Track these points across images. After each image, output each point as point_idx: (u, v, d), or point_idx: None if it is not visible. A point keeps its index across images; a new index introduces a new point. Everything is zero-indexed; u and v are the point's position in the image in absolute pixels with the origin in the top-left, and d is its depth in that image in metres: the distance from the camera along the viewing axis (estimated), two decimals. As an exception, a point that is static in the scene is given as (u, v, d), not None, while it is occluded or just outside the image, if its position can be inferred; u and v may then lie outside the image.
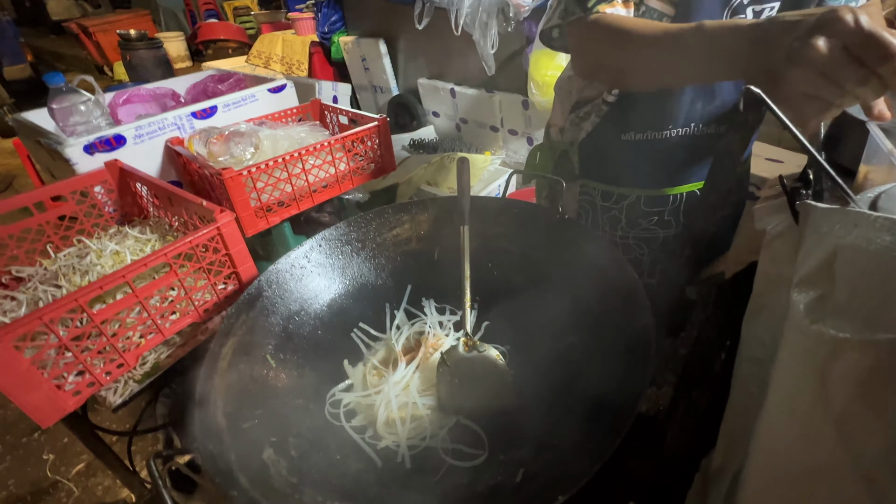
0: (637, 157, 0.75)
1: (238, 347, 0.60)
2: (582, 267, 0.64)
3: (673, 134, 0.72)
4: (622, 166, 0.78)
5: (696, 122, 0.72)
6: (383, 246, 0.81)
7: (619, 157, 0.77)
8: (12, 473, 1.39)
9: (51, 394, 0.61)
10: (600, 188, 0.83)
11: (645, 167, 0.76)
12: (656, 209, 0.83)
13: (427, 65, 2.57)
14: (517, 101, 2.17)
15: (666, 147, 0.73)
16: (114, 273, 0.63)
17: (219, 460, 0.44)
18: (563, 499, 0.35)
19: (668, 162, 0.76)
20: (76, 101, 0.96)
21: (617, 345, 0.52)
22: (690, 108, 0.70)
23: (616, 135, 0.75)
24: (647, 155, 0.75)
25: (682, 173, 0.78)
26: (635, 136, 0.74)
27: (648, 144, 0.74)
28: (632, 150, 0.75)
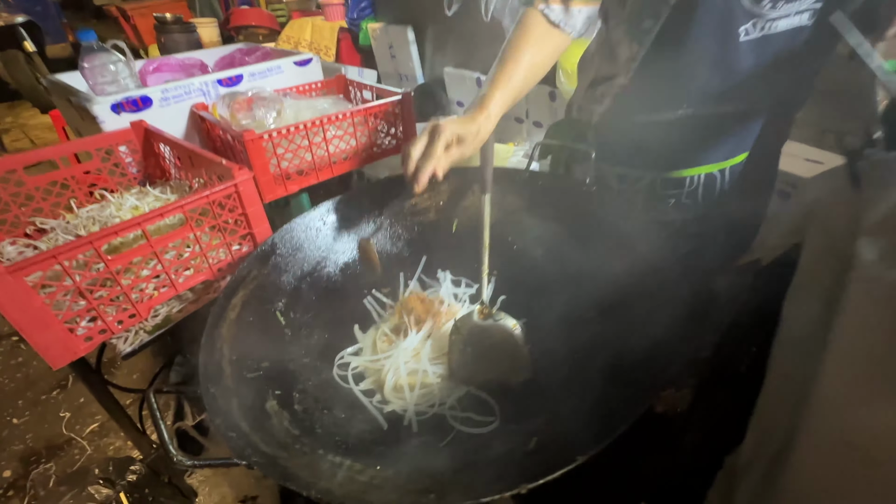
0: (652, 138, 0.72)
1: (248, 301, 0.59)
2: (611, 239, 0.60)
3: (689, 113, 0.69)
4: (637, 147, 0.75)
5: (713, 101, 0.68)
6: (401, 214, 0.79)
7: (634, 138, 0.74)
8: (30, 428, 1.43)
9: (62, 335, 0.61)
10: (616, 171, 0.80)
11: (660, 148, 0.72)
12: (673, 191, 0.78)
13: (454, 53, 2.54)
14: (544, 91, 2.12)
15: (681, 127, 0.70)
16: (129, 220, 0.63)
17: (221, 403, 0.43)
18: (581, 459, 0.32)
19: (684, 143, 0.72)
20: (107, 60, 0.97)
21: (647, 319, 0.48)
22: (706, 86, 0.66)
23: (629, 116, 0.73)
24: (662, 136, 0.71)
25: (698, 154, 0.74)
26: (650, 116, 0.71)
27: (663, 125, 0.70)
28: (646, 132, 0.72)
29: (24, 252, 0.81)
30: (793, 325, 0.47)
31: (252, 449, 0.39)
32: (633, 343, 0.47)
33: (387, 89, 1.16)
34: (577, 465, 0.32)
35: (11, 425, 1.44)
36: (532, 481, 0.31)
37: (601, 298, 0.58)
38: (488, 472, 0.40)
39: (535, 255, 0.72)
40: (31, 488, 1.23)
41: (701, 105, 0.68)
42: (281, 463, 0.39)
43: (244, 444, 0.39)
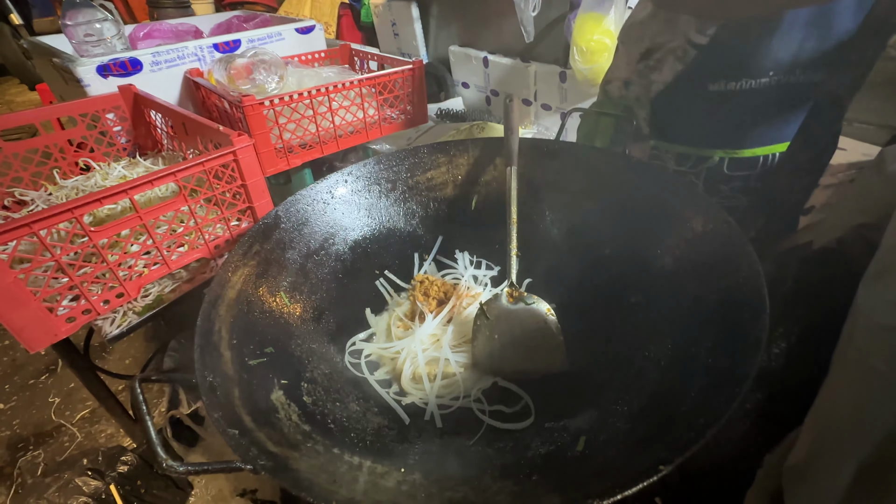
0: (725, 110, 0.63)
1: (249, 279, 0.53)
2: (654, 216, 0.54)
3: (774, 81, 0.60)
4: (704, 122, 0.66)
5: (803, 67, 0.60)
6: (416, 189, 0.72)
7: (703, 111, 0.65)
8: (18, 414, 1.36)
9: (40, 315, 0.54)
10: (675, 150, 0.71)
11: (733, 122, 0.64)
12: (742, 173, 0.69)
13: (459, 31, 2.44)
14: (554, 72, 2.04)
15: (762, 98, 0.62)
16: (115, 186, 0.56)
17: (220, 393, 0.37)
18: (666, 469, 0.26)
19: (762, 116, 0.64)
20: (91, 17, 0.88)
21: (706, 302, 0.42)
22: (799, 49, 0.58)
23: (702, 84, 0.63)
24: (738, 108, 0.63)
25: (776, 129, 0.66)
26: (727, 86, 0.62)
27: (741, 95, 0.62)
28: (720, 103, 0.63)
29: (1, 225, 0.73)
30: (875, 312, 0.41)
31: (258, 449, 0.33)
32: (695, 331, 0.41)
33: (394, 58, 1.08)
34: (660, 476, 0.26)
35: (-2, 411, 1.38)
36: (606, 496, 0.26)
37: (646, 281, 0.52)
38: (536, 478, 0.34)
39: (565, 233, 0.65)
40: (19, 476, 1.17)
41: (790, 72, 0.60)
42: (292, 466, 0.33)
43: (248, 444, 0.33)
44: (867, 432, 0.38)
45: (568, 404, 0.46)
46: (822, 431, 0.47)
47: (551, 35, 2.17)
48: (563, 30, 2.01)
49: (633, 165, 0.58)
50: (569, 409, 0.45)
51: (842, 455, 0.40)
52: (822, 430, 0.47)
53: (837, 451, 0.42)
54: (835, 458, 0.42)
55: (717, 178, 0.71)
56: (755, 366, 0.31)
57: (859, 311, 0.44)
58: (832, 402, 0.46)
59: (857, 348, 0.44)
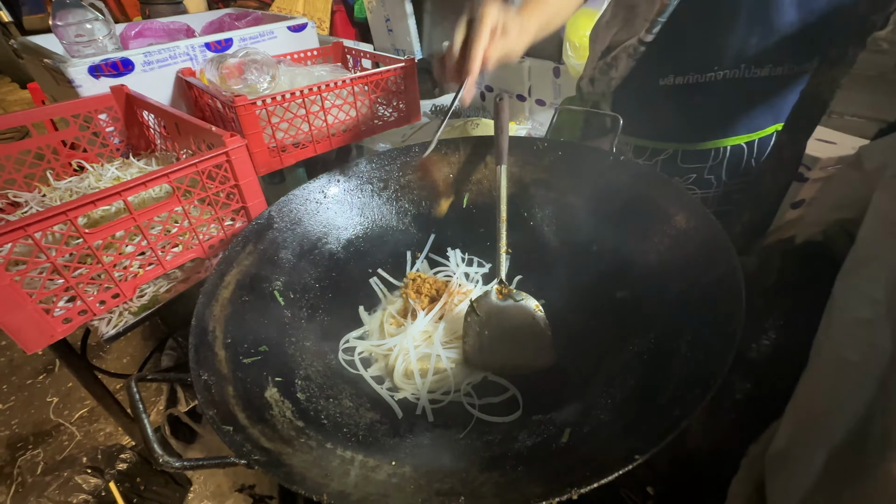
0: (676, 105, 0.66)
1: (243, 278, 0.54)
2: (639, 213, 0.55)
3: (720, 76, 0.62)
4: (658, 116, 0.68)
5: (748, 62, 0.61)
6: (407, 188, 0.73)
7: (656, 105, 0.67)
8: (16, 414, 1.37)
9: (36, 317, 0.55)
10: (633, 142, 0.74)
11: (684, 117, 0.66)
12: (694, 165, 0.72)
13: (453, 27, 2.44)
14: (548, 67, 2.04)
15: (710, 93, 0.64)
16: (109, 188, 0.56)
17: (214, 391, 0.38)
18: (641, 458, 0.27)
19: (712, 110, 0.66)
20: (82, 17, 0.88)
21: (688, 297, 0.43)
22: (743, 45, 0.60)
23: (653, 79, 0.66)
24: (688, 102, 0.65)
25: (726, 124, 0.68)
26: (675, 80, 0.64)
27: (690, 90, 0.64)
28: (670, 97, 0.65)
29: (-4, 227, 0.74)
30: (851, 306, 0.43)
31: (252, 445, 0.34)
32: (677, 325, 0.42)
33: (387, 56, 1.08)
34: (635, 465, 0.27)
35: (-4, 411, 1.39)
36: (583, 485, 0.27)
37: (631, 276, 0.53)
38: (521, 469, 0.35)
39: (554, 230, 0.67)
40: (19, 475, 1.18)
41: (735, 67, 0.62)
42: (286, 461, 0.34)
43: (242, 440, 0.34)
44: (839, 421, 0.39)
45: (555, 397, 0.47)
46: (799, 421, 0.49)
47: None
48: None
49: (619, 163, 0.59)
50: (556, 403, 0.46)
51: (816, 443, 0.42)
52: (800, 420, 0.48)
53: (813, 439, 0.43)
54: (810, 447, 0.43)
55: (672, 170, 0.74)
56: (730, 360, 0.32)
57: (835, 305, 0.46)
58: (810, 393, 0.48)
59: (832, 340, 0.45)
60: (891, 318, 0.37)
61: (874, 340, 0.38)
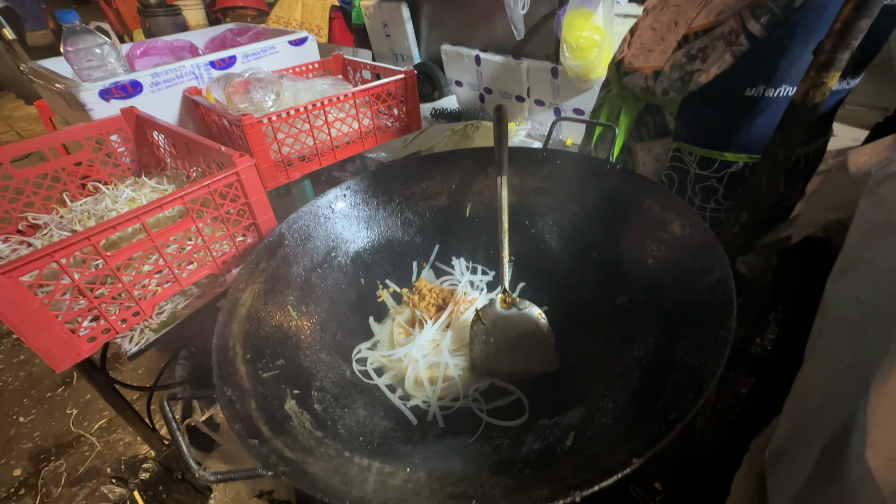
0: (759, 117, 0.60)
1: (258, 295, 0.56)
2: (638, 221, 0.57)
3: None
4: (736, 128, 0.62)
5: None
6: (411, 199, 0.75)
7: (736, 116, 0.61)
8: (38, 426, 1.41)
9: (64, 337, 0.58)
10: (699, 153, 0.67)
11: (764, 130, 0.60)
12: None
13: (451, 30, 2.45)
14: (546, 68, 2.05)
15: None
16: (127, 213, 0.59)
17: (238, 407, 0.40)
18: (638, 462, 0.29)
19: None
20: (92, 42, 0.91)
21: (683, 302, 0.45)
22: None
23: (738, 87, 0.59)
24: (772, 115, 0.59)
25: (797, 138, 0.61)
26: (764, 92, 0.58)
27: (778, 103, 0.58)
28: (755, 109, 0.60)
29: (18, 250, 0.77)
30: (842, 306, 0.45)
31: (277, 456, 0.36)
32: (673, 330, 0.44)
33: (387, 67, 1.11)
34: (634, 467, 0.29)
35: (18, 424, 1.42)
36: (585, 487, 0.29)
37: (630, 283, 0.55)
38: (529, 472, 0.37)
39: (555, 238, 0.69)
40: (43, 486, 1.21)
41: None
42: (308, 470, 0.36)
43: (268, 452, 0.36)
44: (831, 418, 0.41)
45: (559, 402, 0.49)
46: (796, 418, 0.50)
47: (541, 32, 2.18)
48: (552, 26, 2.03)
49: (616, 172, 0.61)
50: (560, 407, 0.48)
51: (811, 440, 0.44)
52: (796, 417, 0.50)
53: (807, 436, 0.45)
54: (805, 443, 0.45)
55: (739, 183, 0.68)
56: (721, 364, 0.34)
57: (827, 306, 0.47)
58: (805, 391, 0.50)
59: (824, 340, 0.47)
60: (877, 320, 0.38)
61: (862, 341, 0.40)
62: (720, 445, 0.74)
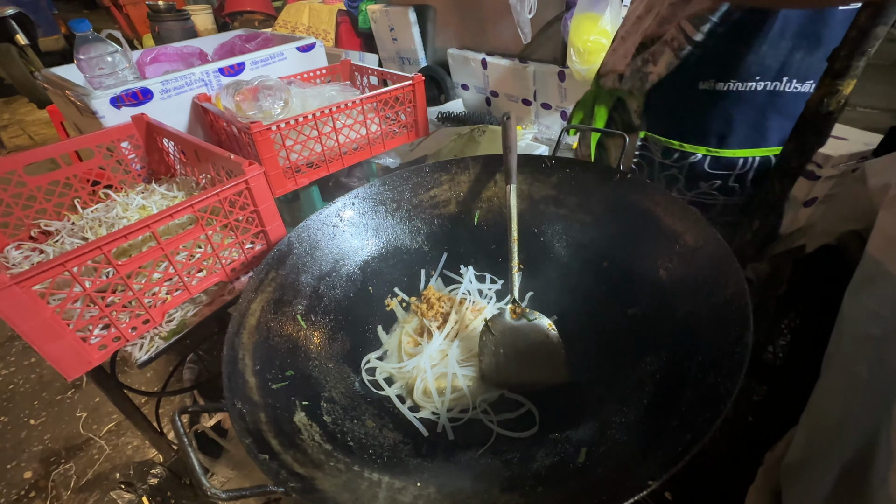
0: (712, 110, 0.66)
1: (267, 305, 0.56)
2: (648, 230, 0.56)
3: (761, 87, 0.63)
4: (692, 120, 0.69)
5: (791, 77, 0.62)
6: (419, 207, 0.75)
7: (691, 108, 0.68)
8: (48, 429, 1.43)
9: (75, 345, 0.58)
10: (662, 143, 0.74)
11: (719, 123, 0.67)
12: (722, 172, 0.72)
13: (457, 34, 2.46)
14: (553, 71, 2.05)
15: (748, 102, 0.64)
16: (138, 222, 0.59)
17: (248, 420, 0.40)
18: (654, 484, 0.29)
19: (747, 120, 0.66)
20: (103, 51, 0.92)
21: (697, 316, 0.45)
22: (788, 58, 0.60)
23: (692, 82, 0.66)
24: (724, 109, 0.66)
25: (759, 135, 0.68)
26: (715, 86, 0.65)
27: (729, 97, 0.65)
28: (707, 102, 0.66)
29: (31, 256, 0.78)
30: (861, 321, 0.44)
31: (287, 472, 0.36)
32: (688, 344, 0.43)
33: (395, 73, 1.11)
34: (649, 490, 0.29)
35: (29, 426, 1.44)
36: (601, 510, 0.29)
37: (642, 294, 0.55)
38: (540, 490, 0.37)
39: (564, 247, 0.68)
40: (53, 489, 1.23)
41: (777, 80, 0.62)
42: (318, 486, 0.36)
43: (278, 468, 0.36)
44: (850, 436, 0.40)
45: (571, 415, 0.49)
46: (813, 432, 0.49)
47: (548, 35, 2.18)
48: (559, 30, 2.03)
49: (627, 181, 0.61)
50: (572, 420, 0.48)
51: (829, 457, 0.43)
52: (814, 431, 0.49)
53: (826, 452, 0.44)
54: (823, 460, 0.44)
55: (698, 174, 0.73)
56: (738, 384, 0.33)
57: (845, 319, 0.46)
58: (823, 405, 0.49)
59: (842, 354, 0.46)
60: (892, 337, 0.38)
61: (883, 357, 0.39)
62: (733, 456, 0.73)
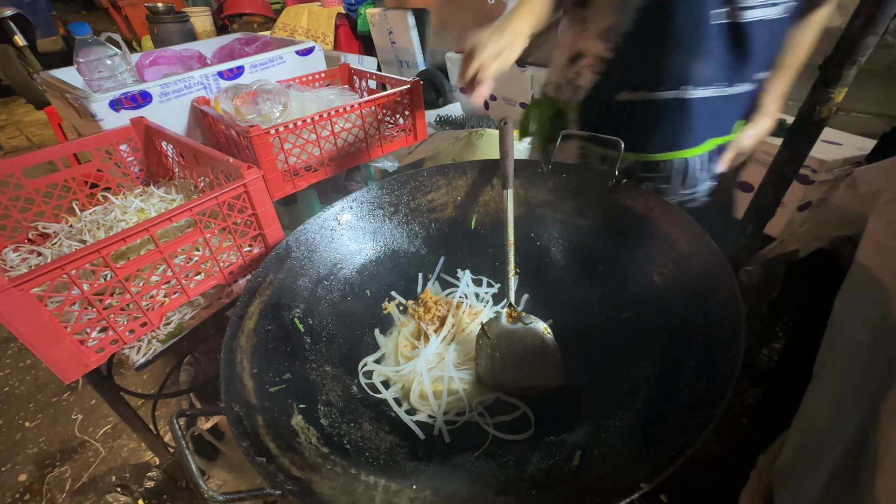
0: (631, 119, 0.72)
1: (265, 308, 0.56)
2: (642, 235, 0.57)
3: (666, 95, 0.69)
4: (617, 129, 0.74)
5: (688, 84, 0.68)
6: (417, 211, 0.75)
7: (615, 118, 0.74)
8: (43, 431, 1.42)
9: (73, 348, 0.58)
10: (599, 152, 0.80)
11: (638, 130, 0.72)
12: (650, 175, 0.77)
13: (455, 38, 2.47)
14: (550, 75, 2.06)
15: (658, 109, 0.71)
16: (137, 225, 0.60)
17: (246, 423, 0.41)
18: (646, 487, 0.29)
19: (660, 126, 0.72)
20: (103, 54, 0.92)
21: (691, 320, 0.45)
22: (682, 68, 0.67)
23: (611, 94, 0.73)
24: (642, 117, 0.72)
25: (673, 139, 0.73)
26: (629, 97, 0.71)
27: (642, 106, 0.71)
28: (627, 112, 0.72)
29: (28, 259, 0.78)
30: (849, 328, 0.44)
31: (284, 475, 0.36)
32: (681, 349, 0.44)
33: (393, 77, 1.11)
34: (641, 493, 0.29)
35: (24, 428, 1.43)
36: (594, 512, 0.29)
37: (636, 298, 0.55)
38: (535, 493, 0.37)
39: (561, 251, 0.69)
40: (48, 492, 1.22)
41: (677, 87, 0.68)
42: (315, 489, 0.37)
43: (275, 471, 0.36)
44: (839, 439, 0.41)
45: (566, 418, 0.49)
46: (804, 435, 0.50)
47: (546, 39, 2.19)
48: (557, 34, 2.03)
49: (622, 186, 0.61)
50: (567, 424, 0.48)
51: (820, 460, 0.43)
52: (805, 435, 0.50)
53: (816, 455, 0.45)
54: (814, 463, 0.45)
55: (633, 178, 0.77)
56: (730, 389, 0.34)
57: (835, 324, 0.47)
58: (813, 408, 0.49)
59: (833, 358, 0.47)
60: (887, 342, 0.38)
61: (870, 362, 0.40)
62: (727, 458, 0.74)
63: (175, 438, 0.36)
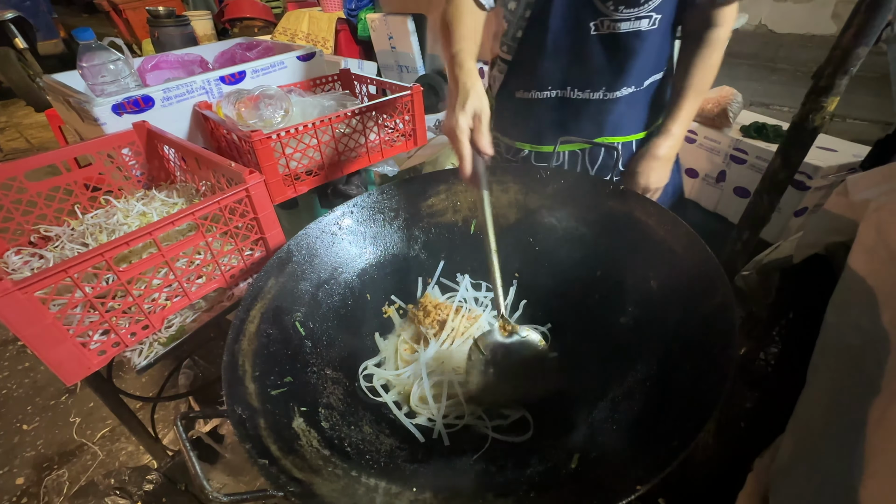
0: (526, 114, 0.82)
1: (266, 312, 0.57)
2: (640, 241, 0.58)
3: (552, 94, 0.78)
4: (517, 122, 0.86)
5: (572, 86, 0.76)
6: (417, 216, 0.76)
7: (515, 113, 0.84)
8: (41, 434, 1.42)
9: (75, 351, 0.59)
10: (506, 142, 0.91)
11: (531, 124, 0.83)
12: (543, 164, 0.85)
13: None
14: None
15: (547, 107, 0.80)
16: (140, 229, 0.60)
17: (248, 426, 0.41)
18: (643, 489, 0.30)
19: (548, 121, 0.81)
20: (106, 59, 0.93)
21: (686, 325, 0.46)
22: (566, 72, 0.75)
23: (512, 92, 0.82)
24: (534, 112, 0.81)
25: (560, 133, 0.79)
26: (524, 94, 0.81)
27: (535, 103, 0.80)
28: (523, 107, 0.82)
29: (30, 262, 0.78)
30: (841, 333, 0.45)
31: (286, 476, 0.37)
32: (676, 353, 0.45)
33: (393, 83, 1.13)
34: (637, 494, 0.30)
35: (22, 431, 1.43)
36: (591, 513, 0.30)
37: (633, 303, 0.56)
38: (534, 495, 0.38)
39: (559, 256, 0.69)
40: (45, 496, 1.22)
41: (562, 88, 0.77)
42: (316, 491, 0.37)
43: (277, 472, 0.37)
44: (831, 443, 0.41)
45: (564, 421, 0.50)
46: (798, 439, 0.51)
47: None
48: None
49: (619, 192, 0.62)
50: (565, 427, 0.49)
51: (813, 463, 0.44)
52: (799, 438, 0.51)
53: (810, 459, 0.45)
54: (808, 466, 0.45)
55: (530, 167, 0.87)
56: (723, 393, 0.35)
57: (828, 329, 0.48)
58: (807, 412, 0.50)
59: (825, 363, 0.47)
60: (877, 349, 0.39)
61: (861, 367, 0.41)
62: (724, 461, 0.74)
63: (181, 441, 0.37)
